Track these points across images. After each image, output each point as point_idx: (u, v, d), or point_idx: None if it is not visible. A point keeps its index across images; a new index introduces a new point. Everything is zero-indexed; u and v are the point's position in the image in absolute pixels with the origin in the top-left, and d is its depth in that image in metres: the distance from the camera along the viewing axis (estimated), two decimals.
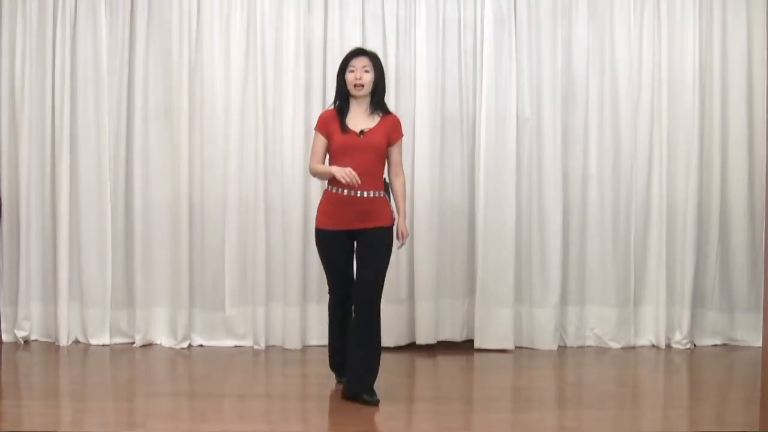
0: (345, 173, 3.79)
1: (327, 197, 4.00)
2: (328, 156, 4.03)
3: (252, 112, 5.12)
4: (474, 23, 5.15)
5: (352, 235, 3.98)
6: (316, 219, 4.06)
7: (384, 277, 3.99)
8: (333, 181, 3.92)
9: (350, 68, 3.96)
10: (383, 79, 4.04)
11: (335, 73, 4.08)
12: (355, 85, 3.94)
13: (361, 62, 3.95)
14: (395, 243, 4.05)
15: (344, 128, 3.94)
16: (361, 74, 3.93)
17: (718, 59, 5.19)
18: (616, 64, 5.20)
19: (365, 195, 3.90)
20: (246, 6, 5.11)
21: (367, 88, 3.96)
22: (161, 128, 5.15)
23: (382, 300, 4.02)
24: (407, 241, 5.10)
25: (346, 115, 3.99)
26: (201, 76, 5.14)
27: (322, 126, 4.01)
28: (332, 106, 4.06)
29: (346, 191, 3.89)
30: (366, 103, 4.01)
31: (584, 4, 5.17)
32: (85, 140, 5.12)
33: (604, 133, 5.21)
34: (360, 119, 3.98)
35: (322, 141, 4.00)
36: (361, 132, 3.93)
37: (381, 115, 4.01)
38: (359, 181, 3.79)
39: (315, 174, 4.07)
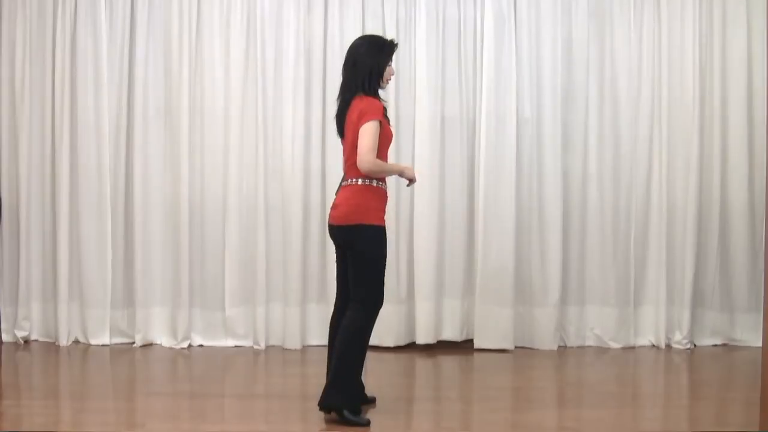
0: (416, 178, 3.72)
1: (382, 195, 3.66)
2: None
3: (252, 112, 5.12)
4: (474, 23, 5.16)
5: None
6: (377, 216, 3.62)
7: None
8: (381, 177, 3.64)
9: (390, 62, 3.70)
10: None
11: (335, 73, 3.85)
12: (387, 81, 3.72)
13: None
14: None
15: (389, 120, 3.71)
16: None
17: (718, 59, 5.20)
18: (616, 64, 5.20)
19: None
20: (246, 6, 5.12)
21: None
22: (161, 128, 5.16)
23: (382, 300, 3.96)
24: (407, 241, 5.13)
25: None
26: (201, 76, 5.14)
27: (383, 117, 3.61)
28: (362, 94, 3.64)
29: (384, 186, 3.68)
30: None
31: (584, 4, 5.17)
32: (85, 140, 5.13)
33: (604, 133, 5.21)
34: None
35: (379, 134, 3.57)
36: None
37: None
38: None
39: (383, 171, 3.61)
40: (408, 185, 3.78)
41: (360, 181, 3.61)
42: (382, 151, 3.64)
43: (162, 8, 5.12)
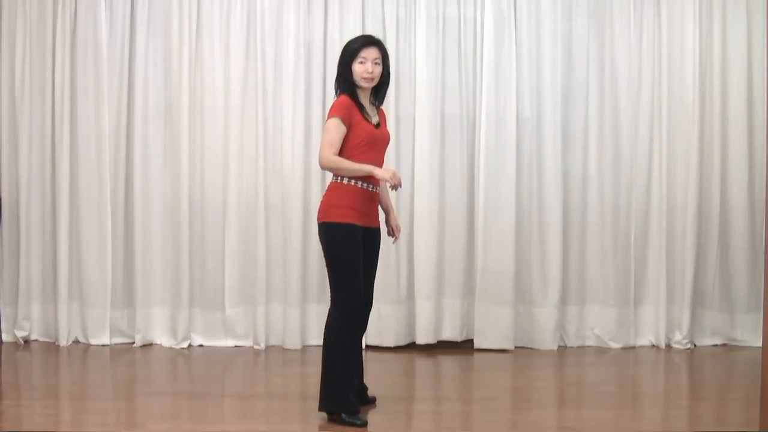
0: (396, 179, 3.50)
1: (355, 192, 3.57)
2: (346, 147, 3.57)
3: (252, 112, 5.12)
4: (474, 23, 5.16)
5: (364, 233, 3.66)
6: (340, 213, 3.55)
7: None
8: (364, 176, 3.57)
9: (360, 59, 3.59)
10: (389, 70, 3.74)
11: (335, 73, 3.74)
12: (364, 78, 3.61)
13: (372, 54, 3.61)
14: (390, 239, 3.91)
15: (368, 119, 3.63)
16: (372, 67, 3.60)
17: (718, 59, 5.19)
18: (616, 63, 5.20)
19: (379, 190, 3.72)
20: (246, 6, 5.11)
21: (376, 81, 3.66)
22: (161, 128, 5.16)
23: (381, 300, 3.98)
24: (406, 240, 5.13)
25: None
26: (201, 76, 5.14)
27: (347, 113, 3.55)
28: (339, 94, 3.65)
29: (372, 187, 3.62)
30: (368, 93, 3.70)
31: (584, 4, 5.17)
32: (85, 140, 5.12)
33: (604, 133, 5.21)
34: (369, 111, 3.69)
35: (343, 130, 3.54)
36: (378, 124, 3.70)
37: (378, 106, 3.77)
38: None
39: (340, 169, 3.54)
40: (392, 190, 3.65)
41: (332, 180, 3.64)
42: (364, 150, 3.58)
43: (162, 8, 5.11)
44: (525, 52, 5.14)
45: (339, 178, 3.60)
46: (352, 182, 3.58)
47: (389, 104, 5.03)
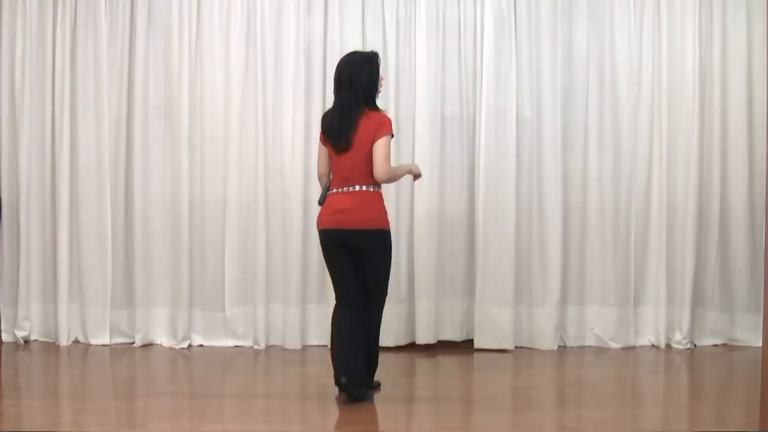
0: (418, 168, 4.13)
1: (383, 199, 3.93)
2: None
3: (252, 112, 5.12)
4: (474, 23, 5.16)
5: None
6: (388, 220, 3.93)
7: None
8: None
9: (381, 74, 3.95)
10: None
11: (333, 73, 3.87)
12: (380, 90, 3.94)
13: None
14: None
15: None
16: None
17: (718, 59, 5.19)
18: (616, 64, 5.20)
19: None
20: (246, 6, 5.12)
21: None
22: (161, 128, 5.16)
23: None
24: (407, 241, 5.13)
25: None
26: (201, 75, 5.14)
27: None
28: (372, 106, 3.88)
29: None
30: None
31: (584, 4, 5.17)
32: (85, 140, 5.13)
33: (604, 133, 5.21)
34: None
35: None
36: None
37: None
38: None
39: (396, 177, 3.96)
40: (414, 180, 4.17)
41: (373, 188, 3.84)
42: None
43: (162, 8, 5.12)
44: (525, 52, 5.14)
45: (377, 186, 3.85)
46: (382, 190, 3.90)
47: (389, 104, 5.04)
